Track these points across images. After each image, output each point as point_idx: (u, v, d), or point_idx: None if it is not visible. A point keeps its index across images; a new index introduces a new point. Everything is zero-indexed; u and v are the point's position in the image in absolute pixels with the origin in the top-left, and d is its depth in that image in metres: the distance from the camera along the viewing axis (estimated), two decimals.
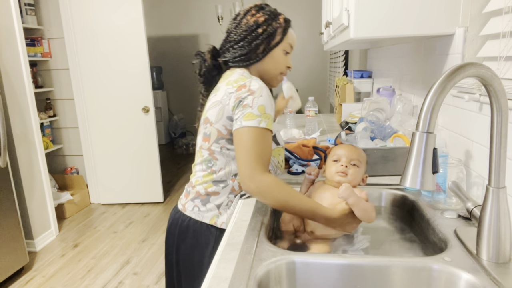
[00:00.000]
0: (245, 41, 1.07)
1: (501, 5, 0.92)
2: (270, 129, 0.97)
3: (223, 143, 1.03)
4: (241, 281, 0.68)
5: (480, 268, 0.69)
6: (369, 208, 0.89)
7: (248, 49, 1.07)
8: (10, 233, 2.36)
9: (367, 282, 0.74)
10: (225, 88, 1.02)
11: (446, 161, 0.97)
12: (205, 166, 1.07)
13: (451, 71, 0.61)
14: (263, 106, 0.96)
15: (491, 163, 0.68)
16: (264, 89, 0.99)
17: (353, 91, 2.33)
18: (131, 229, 3.11)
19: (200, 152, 1.09)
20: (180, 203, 1.13)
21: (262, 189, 0.92)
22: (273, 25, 1.08)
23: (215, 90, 1.08)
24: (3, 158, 2.30)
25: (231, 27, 1.11)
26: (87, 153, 3.60)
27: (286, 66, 1.12)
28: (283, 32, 1.09)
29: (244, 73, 1.05)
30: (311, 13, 5.38)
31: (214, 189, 1.05)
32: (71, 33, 3.36)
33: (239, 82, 1.00)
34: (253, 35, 1.06)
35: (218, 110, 1.01)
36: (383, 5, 1.10)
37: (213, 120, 1.02)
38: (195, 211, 1.07)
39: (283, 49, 1.10)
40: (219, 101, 1.01)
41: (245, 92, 0.97)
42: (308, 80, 5.64)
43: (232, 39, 1.08)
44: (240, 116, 0.96)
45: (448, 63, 1.19)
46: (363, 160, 0.99)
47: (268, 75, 1.12)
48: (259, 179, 0.92)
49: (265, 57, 1.08)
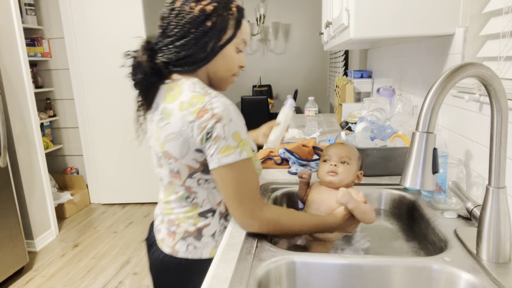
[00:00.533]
0: (190, 38, 0.85)
1: (501, 5, 0.92)
2: (251, 157, 0.84)
3: (198, 176, 0.88)
4: (241, 281, 0.68)
5: (480, 268, 0.69)
6: (368, 210, 0.89)
7: (194, 48, 0.86)
8: (10, 233, 2.36)
9: (367, 282, 0.74)
10: (181, 115, 0.82)
11: (446, 161, 0.97)
12: (184, 202, 0.92)
13: (451, 71, 0.61)
14: (237, 133, 0.81)
15: (491, 163, 0.68)
16: (230, 107, 0.82)
17: (353, 91, 2.33)
18: (131, 229, 3.11)
19: (171, 188, 0.92)
20: (166, 245, 0.94)
21: (265, 226, 0.84)
22: (224, 16, 0.87)
23: (164, 113, 0.86)
24: (3, 158, 2.30)
25: (168, 14, 0.88)
26: (87, 153, 3.60)
27: (239, 65, 0.95)
28: (236, 25, 0.90)
29: (195, 86, 0.85)
30: (311, 13, 5.38)
31: (204, 222, 0.92)
32: (71, 33, 3.36)
33: (196, 105, 0.81)
34: (201, 30, 0.85)
35: (181, 144, 0.83)
36: (383, 5, 1.10)
37: (177, 156, 0.85)
38: (191, 250, 0.91)
39: (236, 46, 0.92)
40: (178, 133, 0.82)
41: (209, 120, 0.79)
42: (308, 80, 5.64)
43: (172, 33, 0.86)
44: (215, 152, 0.80)
45: (448, 63, 1.19)
46: (353, 156, 0.98)
47: (218, 78, 0.94)
48: (259, 218, 0.83)
49: (214, 57, 0.89)
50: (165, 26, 0.88)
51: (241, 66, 0.95)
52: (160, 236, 0.97)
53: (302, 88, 5.63)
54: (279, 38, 5.57)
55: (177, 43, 0.86)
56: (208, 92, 0.84)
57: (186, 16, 0.85)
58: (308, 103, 2.08)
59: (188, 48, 0.86)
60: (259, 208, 0.83)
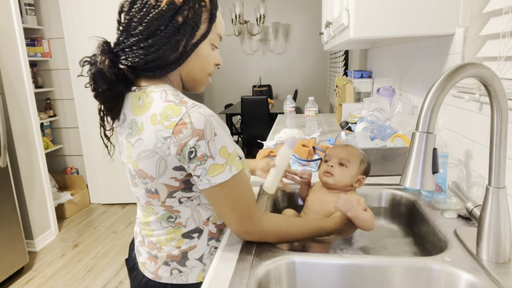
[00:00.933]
0: (158, 37, 0.73)
1: (501, 5, 0.92)
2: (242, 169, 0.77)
3: (179, 195, 0.79)
4: (241, 281, 0.68)
5: (480, 268, 0.69)
6: (368, 219, 0.88)
7: (164, 49, 0.74)
8: (10, 233, 2.36)
9: (367, 282, 0.74)
10: (154, 130, 0.72)
11: (446, 161, 0.97)
12: (165, 223, 0.82)
13: (451, 71, 0.61)
14: (224, 148, 0.72)
15: (491, 163, 0.68)
16: (212, 119, 0.71)
17: (353, 91, 2.33)
18: (131, 229, 3.11)
19: (149, 209, 0.83)
20: (147, 270, 0.86)
21: (264, 238, 0.80)
22: (196, 9, 0.75)
23: (134, 127, 0.76)
24: (3, 158, 2.30)
25: (129, 7, 0.75)
26: (87, 153, 3.60)
27: (214, 63, 0.85)
28: (210, 18, 0.79)
29: (168, 95, 0.74)
30: (311, 13, 5.39)
31: (189, 244, 0.82)
32: (71, 33, 3.36)
33: (172, 118, 0.70)
34: (171, 26, 0.73)
35: (157, 162, 0.74)
36: (383, 5, 1.10)
37: (153, 175, 0.75)
38: (175, 275, 0.83)
39: (211, 43, 0.81)
40: (152, 150, 0.73)
41: (189, 137, 0.69)
42: (308, 80, 5.65)
43: (137, 31, 0.74)
44: (203, 173, 0.72)
45: (448, 63, 1.19)
46: (354, 159, 0.96)
47: (193, 80, 0.83)
48: (258, 232, 0.79)
49: (188, 57, 0.78)
50: (126, 23, 0.75)
51: (217, 64, 0.86)
52: (141, 259, 0.88)
53: (302, 88, 5.64)
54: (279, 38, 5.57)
55: (143, 44, 0.74)
56: (183, 100, 0.73)
57: (152, 10, 0.73)
58: (308, 103, 2.08)
59: (157, 49, 0.74)
60: (258, 220, 0.78)
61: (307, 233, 0.85)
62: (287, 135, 1.81)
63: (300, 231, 0.84)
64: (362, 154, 0.99)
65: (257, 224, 0.78)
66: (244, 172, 0.79)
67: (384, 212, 1.13)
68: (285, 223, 0.83)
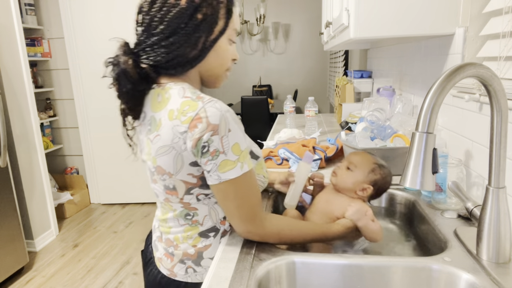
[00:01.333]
0: (179, 35, 0.75)
1: (501, 5, 0.92)
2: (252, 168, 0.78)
3: (197, 191, 0.80)
4: (241, 281, 0.68)
5: (480, 268, 0.69)
6: (376, 230, 0.87)
7: (185, 46, 0.76)
8: (10, 233, 2.36)
9: (367, 282, 0.74)
10: (171, 125, 0.73)
11: (446, 161, 0.97)
12: (182, 220, 0.83)
13: (451, 71, 0.61)
14: (237, 145, 0.73)
15: (491, 163, 0.68)
16: (227, 114, 0.72)
17: (353, 91, 2.33)
18: (131, 229, 3.11)
19: (167, 206, 0.84)
20: (163, 266, 0.87)
21: (266, 239, 0.81)
22: (214, 6, 0.77)
23: (153, 124, 0.78)
24: (3, 158, 2.30)
25: (149, 8, 0.77)
26: (87, 153, 3.60)
27: (232, 58, 0.86)
28: (227, 14, 0.80)
29: (186, 91, 0.76)
30: (311, 13, 5.38)
31: (204, 243, 0.83)
32: (71, 33, 3.36)
33: (188, 113, 0.71)
34: (191, 24, 0.75)
35: (174, 158, 0.75)
36: (383, 5, 1.10)
37: (171, 171, 0.77)
38: (191, 273, 0.84)
39: (228, 38, 0.82)
40: (170, 146, 0.74)
41: (204, 131, 0.70)
42: (308, 80, 5.65)
43: (158, 31, 0.76)
44: (214, 169, 0.73)
45: (448, 63, 1.19)
46: (362, 166, 0.93)
47: (212, 76, 0.85)
48: (260, 233, 0.79)
49: (208, 53, 0.80)
50: (147, 23, 0.77)
51: (234, 59, 0.87)
52: (158, 254, 0.90)
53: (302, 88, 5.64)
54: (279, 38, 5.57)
55: (164, 42, 0.76)
56: (200, 96, 0.74)
57: (172, 9, 0.74)
58: (308, 103, 2.08)
59: (178, 46, 0.76)
60: (260, 221, 0.79)
61: (308, 238, 0.85)
62: (287, 135, 1.81)
63: (302, 236, 0.83)
64: (377, 165, 0.94)
65: (259, 224, 0.79)
66: (253, 171, 0.78)
67: (384, 212, 1.13)
68: (287, 225, 0.83)
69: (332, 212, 0.93)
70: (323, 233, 0.85)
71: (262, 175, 0.95)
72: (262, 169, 0.94)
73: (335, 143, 1.58)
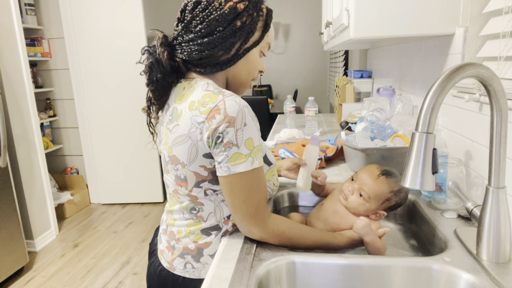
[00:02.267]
0: (216, 36, 0.78)
1: (501, 5, 0.92)
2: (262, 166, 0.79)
3: (206, 186, 0.81)
4: (241, 281, 0.68)
5: (480, 268, 0.69)
6: (381, 248, 0.85)
7: (219, 48, 0.79)
8: (10, 233, 2.36)
9: (367, 282, 0.74)
10: (190, 115, 0.76)
11: (446, 161, 0.97)
12: (187, 214, 0.85)
13: (450, 71, 0.61)
14: (250, 140, 0.74)
15: (491, 163, 0.68)
16: (246, 109, 0.74)
17: (353, 91, 2.33)
18: (131, 229, 3.11)
19: (176, 197, 0.86)
20: (164, 259, 0.89)
21: (266, 238, 0.80)
22: (254, 17, 0.81)
23: (174, 114, 0.81)
24: (3, 158, 2.30)
25: (193, 7, 0.81)
26: (87, 153, 3.60)
27: (259, 70, 0.90)
28: (264, 27, 0.85)
29: (209, 86, 0.79)
30: (311, 13, 5.38)
31: (205, 240, 0.84)
32: (71, 33, 3.36)
33: (208, 105, 0.74)
34: (229, 29, 0.79)
35: (189, 148, 0.76)
36: (383, 5, 1.10)
37: (184, 161, 0.78)
38: (189, 269, 0.85)
39: (260, 50, 0.87)
40: (187, 135, 0.76)
41: (221, 122, 0.72)
42: (308, 80, 5.65)
43: (197, 29, 0.79)
44: (225, 160, 0.74)
45: (448, 63, 1.19)
46: (376, 197, 0.88)
47: (238, 82, 0.88)
48: (262, 230, 0.79)
49: (239, 60, 0.83)
50: (188, 20, 0.80)
51: (261, 71, 0.90)
52: (161, 247, 0.92)
53: (302, 88, 5.64)
54: (279, 38, 5.57)
55: (200, 40, 0.79)
56: (222, 91, 0.77)
57: (214, 12, 0.78)
58: (308, 103, 2.08)
59: (213, 47, 0.79)
60: (263, 220, 0.79)
61: (309, 243, 0.84)
62: (287, 135, 1.81)
63: (303, 240, 0.83)
64: (392, 193, 0.88)
65: (261, 223, 0.79)
66: (263, 169, 0.79)
67: None
68: (289, 229, 0.82)
69: (338, 224, 0.91)
70: (327, 242, 0.85)
71: (272, 182, 0.95)
72: (273, 176, 0.94)
73: (335, 143, 1.58)
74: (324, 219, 0.94)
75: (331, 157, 1.48)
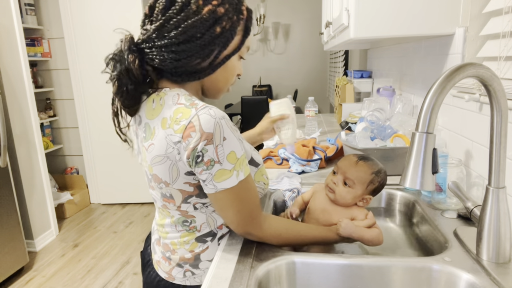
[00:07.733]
0: (193, 44, 0.71)
1: (501, 5, 0.92)
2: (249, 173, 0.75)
3: (194, 200, 0.77)
4: (241, 281, 0.68)
5: (480, 268, 0.69)
6: (375, 237, 0.85)
7: (197, 56, 0.72)
8: (10, 233, 2.36)
9: (367, 282, 0.74)
10: (164, 134, 0.70)
11: (446, 161, 0.97)
12: (180, 226, 0.81)
13: (450, 71, 0.61)
14: (232, 153, 0.70)
15: (491, 163, 0.68)
16: (222, 121, 0.69)
17: (353, 91, 2.33)
18: (131, 229, 3.11)
19: (165, 211, 0.82)
20: (161, 269, 0.86)
21: (264, 239, 0.80)
22: (234, 21, 0.74)
23: (147, 131, 0.75)
24: (3, 158, 2.30)
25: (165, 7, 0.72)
26: (87, 153, 3.60)
27: (237, 74, 0.84)
28: (244, 31, 0.78)
29: (180, 97, 0.73)
30: (311, 13, 5.39)
31: (201, 247, 0.82)
32: (71, 33, 3.36)
33: (181, 122, 0.68)
34: (208, 36, 0.72)
35: (169, 168, 0.72)
36: (383, 5, 1.10)
37: (167, 180, 0.74)
38: (189, 277, 0.83)
39: (239, 54, 0.80)
40: (164, 156, 0.71)
41: (198, 140, 0.67)
42: (308, 80, 5.65)
43: (172, 35, 0.70)
44: (209, 178, 0.70)
45: (448, 63, 1.19)
46: (360, 181, 0.89)
47: (215, 89, 0.82)
48: (259, 235, 0.79)
49: (218, 68, 0.77)
50: (161, 23, 0.71)
51: (239, 74, 0.84)
52: (156, 257, 0.88)
53: (302, 88, 5.64)
54: (279, 38, 5.57)
55: (175, 48, 0.71)
56: (194, 103, 0.71)
57: (192, 16, 0.70)
58: (308, 103, 2.08)
59: (189, 55, 0.72)
60: (259, 224, 0.78)
61: (307, 241, 0.84)
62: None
63: (301, 239, 0.83)
64: (374, 174, 0.90)
65: (257, 227, 0.78)
66: (250, 176, 0.76)
67: (383, 212, 1.13)
68: (285, 228, 0.82)
69: (329, 220, 0.91)
70: (324, 237, 0.85)
71: (262, 182, 0.92)
72: (263, 176, 0.91)
73: (335, 143, 1.58)
74: (316, 220, 0.94)
75: (331, 157, 1.48)
